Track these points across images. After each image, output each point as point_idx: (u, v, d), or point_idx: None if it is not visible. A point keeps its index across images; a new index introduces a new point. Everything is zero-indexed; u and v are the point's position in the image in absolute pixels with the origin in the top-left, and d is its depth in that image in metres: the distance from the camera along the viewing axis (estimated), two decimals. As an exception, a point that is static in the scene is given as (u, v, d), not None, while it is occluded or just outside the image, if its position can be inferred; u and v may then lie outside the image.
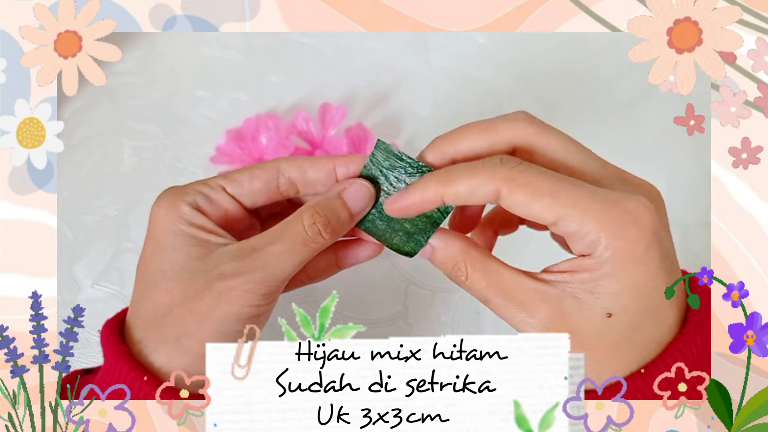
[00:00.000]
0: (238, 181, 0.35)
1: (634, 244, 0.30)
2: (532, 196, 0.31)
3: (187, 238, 0.33)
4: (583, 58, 0.63)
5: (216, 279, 0.32)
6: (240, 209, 0.36)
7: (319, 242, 0.33)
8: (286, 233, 0.33)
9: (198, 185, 0.35)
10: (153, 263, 0.34)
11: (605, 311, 0.31)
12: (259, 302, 0.32)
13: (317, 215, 0.33)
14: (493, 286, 0.33)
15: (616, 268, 0.30)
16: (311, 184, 0.35)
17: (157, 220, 0.34)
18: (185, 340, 0.32)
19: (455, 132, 0.35)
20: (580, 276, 0.31)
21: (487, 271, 0.33)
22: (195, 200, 0.34)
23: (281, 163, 0.35)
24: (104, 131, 0.58)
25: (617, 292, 0.31)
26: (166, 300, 0.32)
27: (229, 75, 0.62)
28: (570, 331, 0.31)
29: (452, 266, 0.34)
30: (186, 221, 0.34)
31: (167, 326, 0.32)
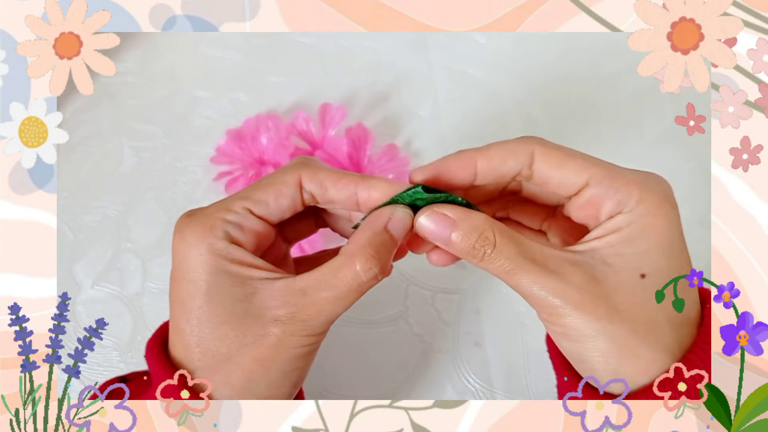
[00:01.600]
0: (264, 201, 0.34)
1: (663, 201, 0.31)
2: (566, 156, 0.32)
3: (229, 278, 0.31)
4: (583, 58, 0.63)
5: (271, 324, 0.31)
6: (268, 227, 0.34)
7: (373, 284, 0.32)
8: (339, 280, 0.31)
9: (223, 213, 0.33)
10: (196, 309, 0.32)
11: (638, 272, 0.31)
12: (315, 341, 0.32)
13: (373, 260, 0.31)
14: (523, 253, 0.31)
15: (647, 222, 0.31)
16: (330, 203, 0.35)
17: (189, 259, 0.32)
18: (252, 385, 0.31)
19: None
20: (608, 239, 0.31)
21: (515, 239, 0.31)
22: (227, 232, 0.32)
23: (303, 177, 0.34)
24: (104, 131, 0.58)
25: (648, 249, 0.31)
26: (223, 349, 0.31)
27: (229, 75, 0.62)
28: (604, 296, 0.30)
29: (478, 236, 0.31)
30: (224, 258, 0.32)
31: (230, 373, 0.31)
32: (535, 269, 0.31)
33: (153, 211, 0.54)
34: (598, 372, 0.31)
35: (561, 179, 0.32)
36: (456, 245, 0.32)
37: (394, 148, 0.57)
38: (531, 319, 0.49)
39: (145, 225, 0.53)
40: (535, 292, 0.31)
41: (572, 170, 0.32)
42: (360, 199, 0.34)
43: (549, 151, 0.32)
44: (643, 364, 0.30)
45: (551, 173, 0.32)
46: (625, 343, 0.30)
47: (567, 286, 0.30)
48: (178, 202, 0.54)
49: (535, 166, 0.32)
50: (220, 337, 0.31)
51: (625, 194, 0.31)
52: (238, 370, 0.31)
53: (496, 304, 0.50)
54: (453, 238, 0.32)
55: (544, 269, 0.31)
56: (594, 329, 0.30)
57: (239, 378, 0.31)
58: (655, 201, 0.31)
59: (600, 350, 0.30)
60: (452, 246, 0.32)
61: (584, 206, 0.33)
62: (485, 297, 0.50)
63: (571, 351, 0.32)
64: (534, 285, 0.31)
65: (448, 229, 0.32)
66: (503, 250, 0.31)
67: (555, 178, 0.32)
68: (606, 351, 0.30)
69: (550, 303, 0.31)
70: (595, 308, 0.30)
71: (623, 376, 0.30)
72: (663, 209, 0.31)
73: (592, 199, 0.32)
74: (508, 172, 0.33)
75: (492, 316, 0.49)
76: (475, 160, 0.33)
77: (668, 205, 0.31)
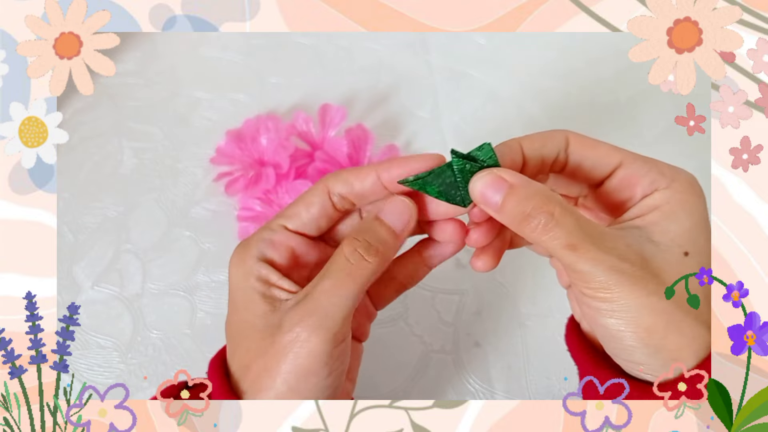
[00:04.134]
0: (296, 214, 0.34)
1: (693, 182, 0.33)
2: (598, 141, 0.34)
3: (256, 295, 0.33)
4: (583, 58, 0.63)
5: (278, 333, 0.31)
6: (306, 242, 0.35)
7: (366, 267, 0.32)
8: (331, 268, 0.32)
9: (261, 232, 0.34)
10: (232, 323, 0.34)
11: (682, 250, 0.31)
12: (323, 349, 0.31)
13: (356, 242, 0.32)
14: (583, 228, 0.30)
15: (684, 199, 0.32)
16: (361, 196, 0.34)
17: (232, 277, 0.34)
18: (263, 395, 0.32)
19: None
20: (650, 217, 0.32)
21: (575, 213, 0.31)
22: (260, 251, 0.34)
23: (328, 182, 0.34)
24: (104, 132, 0.58)
25: (690, 227, 0.32)
26: (246, 360, 0.32)
27: (229, 76, 0.62)
28: (654, 274, 0.31)
29: (537, 204, 0.30)
30: (253, 276, 0.33)
31: (250, 384, 0.32)
32: (594, 246, 0.30)
33: (153, 212, 0.54)
34: (636, 349, 0.31)
35: (595, 160, 0.34)
36: (507, 211, 0.31)
37: (394, 148, 0.57)
38: (531, 320, 0.49)
39: (145, 226, 0.53)
40: (591, 269, 0.30)
41: (605, 151, 0.34)
42: (384, 182, 0.34)
43: (582, 137, 0.34)
44: (686, 340, 0.31)
45: (586, 153, 0.34)
46: (672, 318, 0.30)
47: (623, 262, 0.30)
48: (178, 203, 0.54)
49: (570, 148, 0.34)
50: (246, 349, 0.33)
51: (657, 173, 0.33)
52: (254, 381, 0.32)
53: (496, 304, 0.50)
54: (506, 204, 0.31)
55: (602, 246, 0.30)
56: (645, 305, 0.30)
57: (255, 388, 0.32)
58: (686, 181, 0.33)
59: (645, 325, 0.30)
60: (503, 212, 0.31)
61: (618, 187, 0.34)
62: (485, 298, 0.50)
63: (612, 328, 0.31)
64: (592, 261, 0.30)
65: (500, 192, 0.31)
66: (563, 222, 0.30)
67: (590, 159, 0.34)
68: (652, 326, 0.30)
69: (605, 280, 0.30)
70: (646, 284, 0.30)
71: (665, 352, 0.31)
72: (696, 189, 0.33)
73: (626, 179, 0.33)
74: (549, 154, 0.34)
75: (492, 316, 0.49)
76: (520, 144, 0.33)
77: (698, 187, 0.33)
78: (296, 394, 0.31)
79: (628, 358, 0.32)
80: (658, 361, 0.31)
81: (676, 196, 0.32)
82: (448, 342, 0.49)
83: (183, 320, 0.49)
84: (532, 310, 0.50)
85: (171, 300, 0.50)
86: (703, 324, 0.31)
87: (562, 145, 0.34)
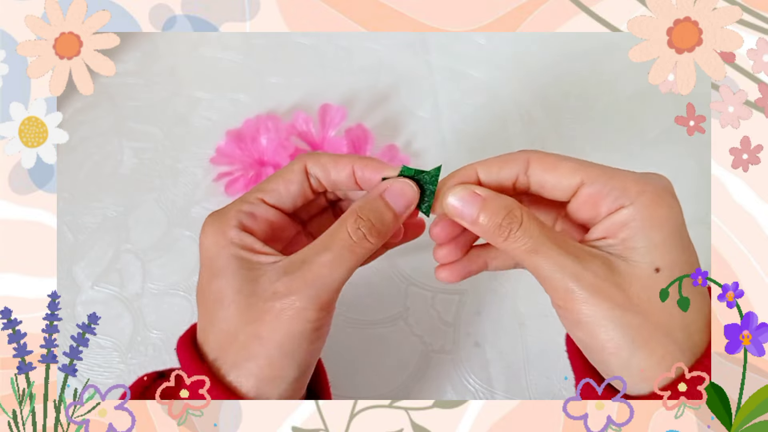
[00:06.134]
0: (275, 190, 0.35)
1: (664, 192, 0.32)
2: (559, 159, 0.33)
3: (239, 262, 0.33)
4: (583, 58, 0.63)
5: (270, 299, 0.32)
6: (282, 216, 0.36)
7: (366, 246, 0.33)
8: (333, 242, 0.32)
9: (238, 204, 0.35)
10: (211, 292, 0.33)
11: (653, 267, 0.31)
12: (317, 317, 0.32)
13: (360, 220, 0.32)
14: (546, 234, 0.32)
15: (652, 213, 0.31)
16: (335, 185, 0.36)
17: (207, 248, 0.34)
18: (252, 364, 0.32)
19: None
20: (621, 235, 0.32)
21: (539, 221, 0.32)
22: (239, 220, 0.34)
23: (308, 162, 0.35)
24: (104, 132, 0.58)
25: (661, 242, 0.31)
26: (231, 327, 0.32)
27: (229, 76, 0.62)
28: (619, 287, 0.31)
29: (506, 214, 0.32)
30: (235, 244, 0.33)
31: (236, 352, 0.32)
32: (557, 251, 0.31)
33: (153, 212, 0.54)
34: (612, 364, 0.31)
35: (555, 182, 0.33)
36: (483, 224, 0.32)
37: (394, 148, 0.57)
38: (531, 320, 0.49)
39: (145, 226, 0.53)
40: (553, 275, 0.31)
41: (565, 172, 0.33)
42: (357, 178, 0.35)
43: (543, 157, 0.34)
44: (654, 359, 0.30)
45: (545, 176, 0.33)
46: (638, 334, 0.30)
47: (585, 270, 0.31)
48: (178, 203, 0.54)
49: (530, 170, 0.34)
50: (228, 317, 0.32)
51: (620, 190, 0.32)
52: (241, 349, 0.32)
53: (496, 304, 0.50)
54: (481, 217, 0.32)
55: (564, 252, 0.31)
56: (608, 318, 0.30)
57: (242, 356, 0.32)
58: (655, 192, 0.32)
59: (613, 340, 0.30)
60: (478, 225, 0.33)
61: (582, 206, 0.33)
62: (485, 298, 0.50)
63: (584, 341, 0.32)
64: (554, 266, 0.31)
65: (476, 207, 0.33)
66: (528, 228, 0.32)
67: (550, 181, 0.33)
68: (619, 341, 0.30)
69: (567, 287, 0.31)
70: (610, 296, 0.30)
71: (635, 369, 0.31)
72: (665, 200, 0.32)
73: (589, 198, 0.33)
74: (507, 177, 0.34)
75: (492, 316, 0.49)
76: (475, 170, 0.34)
77: (670, 197, 0.32)
78: (288, 358, 0.32)
79: (606, 370, 0.32)
80: (631, 378, 0.31)
81: (643, 212, 0.31)
82: (447, 342, 0.49)
83: (183, 320, 0.49)
84: (532, 310, 0.50)
85: (171, 300, 0.50)
86: (673, 344, 0.31)
87: (521, 168, 0.34)
